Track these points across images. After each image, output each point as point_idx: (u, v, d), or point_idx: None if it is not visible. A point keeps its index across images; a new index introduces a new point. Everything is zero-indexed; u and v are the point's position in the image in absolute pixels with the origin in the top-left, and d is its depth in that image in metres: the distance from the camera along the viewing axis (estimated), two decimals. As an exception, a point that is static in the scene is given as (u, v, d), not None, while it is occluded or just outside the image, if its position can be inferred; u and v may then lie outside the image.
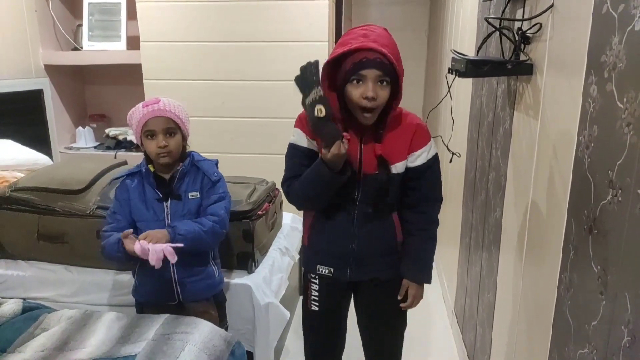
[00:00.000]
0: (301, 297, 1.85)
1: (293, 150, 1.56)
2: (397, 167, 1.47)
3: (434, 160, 1.52)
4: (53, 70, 3.60)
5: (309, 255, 1.65)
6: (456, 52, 1.59)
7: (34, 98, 3.48)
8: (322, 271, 1.60)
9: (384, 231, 1.56)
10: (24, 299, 2.06)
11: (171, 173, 1.68)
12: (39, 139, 3.50)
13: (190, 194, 1.66)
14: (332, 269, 1.59)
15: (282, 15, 3.22)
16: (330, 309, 1.67)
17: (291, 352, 2.43)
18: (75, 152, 3.73)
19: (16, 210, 2.18)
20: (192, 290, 1.70)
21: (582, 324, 1.00)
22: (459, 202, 2.53)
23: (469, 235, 2.24)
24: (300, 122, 1.54)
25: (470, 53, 2.26)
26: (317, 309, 1.65)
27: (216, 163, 1.77)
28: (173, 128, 1.63)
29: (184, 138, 1.69)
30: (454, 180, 2.70)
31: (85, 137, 3.83)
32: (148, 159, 1.68)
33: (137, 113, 1.62)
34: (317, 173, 1.41)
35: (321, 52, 3.23)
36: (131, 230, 1.55)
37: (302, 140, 1.53)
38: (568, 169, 1.11)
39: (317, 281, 1.63)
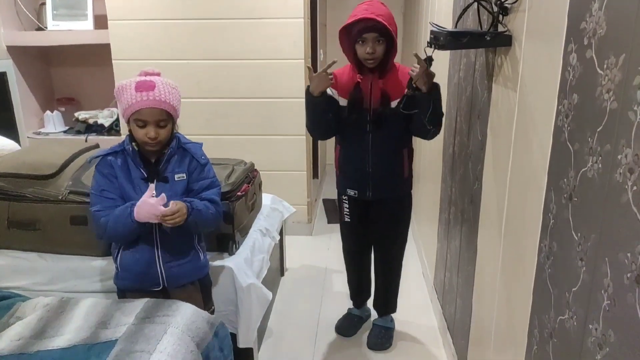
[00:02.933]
0: (282, 278, 2.87)
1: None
2: (395, 103, 1.97)
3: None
4: (16, 52, 3.44)
5: (340, 181, 2.23)
6: (435, 24, 1.57)
7: (-2, 81, 3.33)
8: (350, 193, 2.18)
9: (393, 160, 2.09)
10: (-3, 289, 2.00)
11: (156, 157, 1.62)
12: (4, 124, 3.36)
13: (176, 176, 1.62)
14: (356, 191, 2.15)
15: (255, -8, 3.14)
16: (358, 219, 2.25)
17: (274, 332, 2.44)
18: (44, 137, 3.61)
19: (-16, 198, 2.10)
20: (178, 275, 1.66)
21: (562, 292, 1.02)
22: (438, 178, 2.55)
23: (448, 210, 2.25)
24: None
25: (448, 26, 2.24)
26: (349, 220, 2.27)
27: (201, 145, 1.72)
28: (165, 119, 1.55)
29: (174, 124, 1.63)
30: (433, 156, 2.71)
31: (54, 122, 3.70)
32: (132, 137, 1.60)
33: (129, 95, 1.50)
34: (306, 98, 1.98)
35: (297, 28, 3.18)
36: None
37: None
38: (547, 139, 1.11)
39: (347, 201, 2.23)
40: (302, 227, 3.58)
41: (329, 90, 1.97)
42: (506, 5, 1.42)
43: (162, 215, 1.48)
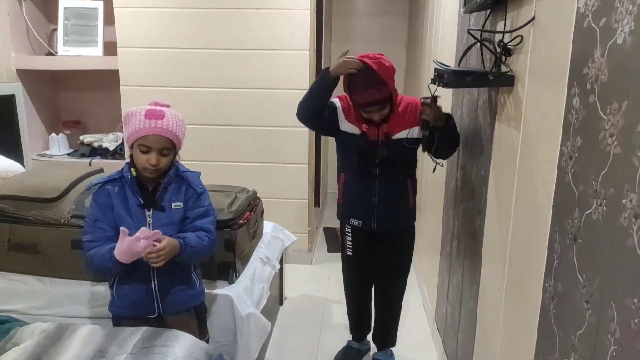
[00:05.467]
0: (281, 307, 2.89)
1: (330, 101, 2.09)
2: (400, 135, 2.02)
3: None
4: (26, 75, 3.50)
5: (344, 210, 2.21)
6: (439, 62, 1.61)
7: (6, 103, 3.37)
8: (353, 222, 2.16)
9: (399, 191, 2.10)
10: (-7, 312, 1.99)
11: (154, 185, 1.63)
12: (10, 146, 3.38)
13: (173, 204, 1.62)
14: (360, 221, 2.13)
15: (262, 24, 3.21)
16: (361, 253, 2.23)
17: (272, 363, 2.40)
18: (48, 159, 3.63)
19: (-15, 220, 2.10)
20: (173, 302, 1.66)
21: (567, 334, 1.01)
22: (439, 211, 2.55)
23: (450, 244, 2.25)
24: (342, 99, 2.09)
25: (451, 64, 2.29)
26: (351, 254, 2.24)
27: (199, 175, 1.73)
28: (169, 148, 1.58)
29: (175, 155, 1.65)
30: (435, 189, 2.73)
31: (58, 144, 3.73)
32: (131, 164, 1.62)
33: (138, 120, 1.54)
34: (319, 76, 1.99)
35: (302, 61, 3.24)
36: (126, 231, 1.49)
37: (337, 103, 2.09)
38: (551, 179, 1.12)
39: (350, 232, 2.21)
40: (303, 255, 3.56)
41: (339, 111, 2.06)
42: (509, 46, 1.46)
43: (146, 253, 1.48)
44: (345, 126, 2.07)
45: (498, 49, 1.49)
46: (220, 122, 3.39)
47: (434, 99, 1.80)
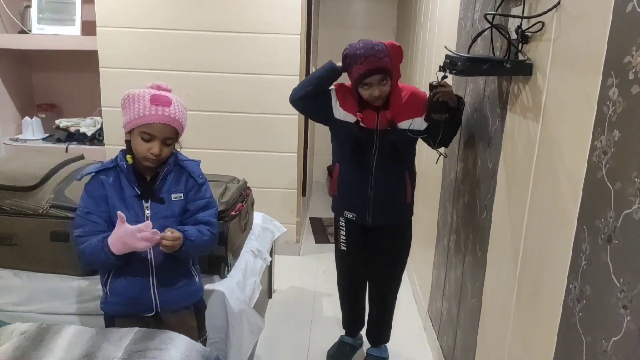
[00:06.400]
0: (270, 300, 2.86)
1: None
2: (403, 124, 1.92)
3: None
4: (-4, 54, 3.28)
5: (338, 203, 2.11)
6: (450, 49, 1.53)
7: (-26, 84, 3.16)
8: (347, 215, 2.07)
9: (396, 184, 2.00)
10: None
11: (152, 174, 1.51)
12: (-21, 129, 3.19)
13: (173, 196, 1.51)
14: (355, 214, 2.04)
15: (252, 5, 3.08)
16: (355, 248, 2.14)
17: None
18: (21, 144, 3.43)
19: (-43, 209, 1.94)
20: (172, 299, 1.55)
21: (598, 339, 0.95)
22: (435, 203, 2.50)
23: (448, 237, 2.20)
24: (338, 88, 2.00)
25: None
26: (345, 249, 2.15)
27: (199, 163, 1.62)
28: (173, 138, 1.48)
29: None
30: (430, 179, 2.67)
31: (32, 128, 3.53)
32: (128, 150, 1.49)
33: (142, 105, 1.41)
34: (324, 67, 1.93)
35: (293, 45, 3.12)
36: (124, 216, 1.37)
37: (332, 93, 2.00)
38: (579, 175, 1.06)
39: (344, 226, 2.11)
40: (291, 246, 3.48)
41: (333, 100, 1.97)
42: (527, 33, 1.39)
43: (161, 239, 1.39)
44: (340, 114, 1.97)
45: (515, 36, 1.42)
46: (206, 108, 3.25)
47: (443, 77, 1.71)
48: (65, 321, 1.85)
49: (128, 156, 1.47)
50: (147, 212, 1.47)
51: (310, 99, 1.97)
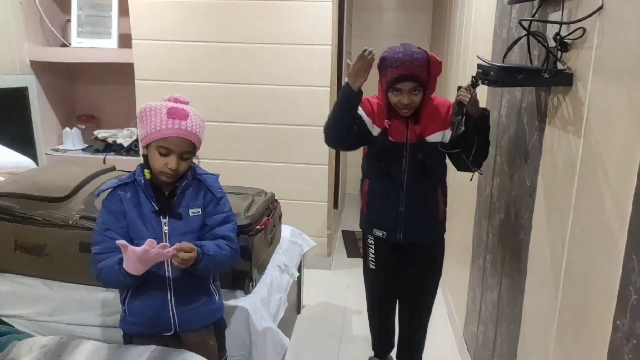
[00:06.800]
0: (299, 316, 2.81)
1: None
2: (433, 137, 1.84)
3: None
4: (39, 67, 3.40)
5: (367, 220, 2.02)
6: (483, 58, 1.44)
7: (19, 96, 3.28)
8: (377, 233, 1.97)
9: (428, 200, 1.92)
10: (-3, 317, 1.89)
11: (171, 188, 1.49)
12: (23, 140, 3.30)
13: (191, 211, 1.48)
14: (385, 232, 1.95)
15: (283, 17, 3.06)
16: (385, 266, 2.04)
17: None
18: (61, 154, 3.54)
19: (-9, 218, 2.00)
20: (191, 318, 1.51)
21: (649, 383, 0.84)
22: (470, 220, 2.38)
23: (484, 257, 2.08)
24: (363, 103, 1.88)
25: (487, 59, 2.11)
26: (374, 267, 2.04)
27: (218, 177, 1.59)
28: (190, 152, 1.45)
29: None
30: (465, 194, 2.55)
31: (72, 139, 3.63)
32: (146, 164, 1.48)
33: (158, 119, 1.38)
34: (340, 93, 1.80)
35: (324, 56, 3.09)
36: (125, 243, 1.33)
37: (360, 112, 1.87)
38: (627, 197, 0.95)
39: (373, 243, 2.01)
40: (321, 260, 3.41)
41: (365, 118, 1.87)
42: (567, 40, 1.29)
43: (174, 251, 1.34)
44: (376, 131, 1.89)
45: (553, 43, 1.32)
46: (237, 120, 3.25)
47: (474, 83, 1.57)
48: (90, 333, 1.86)
49: (146, 171, 1.45)
50: (165, 228, 1.44)
51: (348, 136, 1.84)
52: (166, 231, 1.44)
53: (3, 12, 3.10)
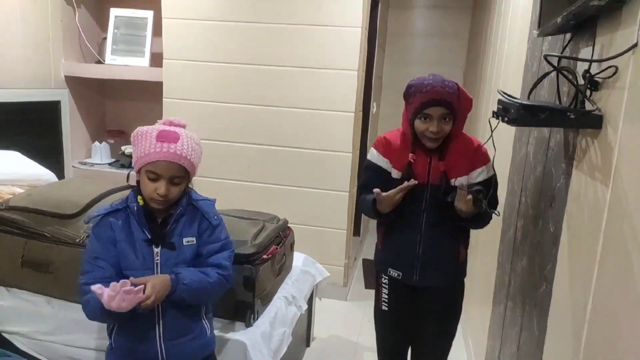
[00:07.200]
0: (307, 349, 2.68)
1: (368, 164, 1.85)
2: (456, 181, 1.71)
3: (492, 179, 1.76)
4: (74, 82, 3.50)
5: (382, 258, 1.91)
6: (504, 93, 1.34)
7: (51, 109, 3.38)
8: (392, 274, 1.86)
9: (447, 242, 1.80)
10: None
11: (164, 216, 1.44)
12: (52, 152, 3.38)
13: (185, 240, 1.42)
14: (400, 273, 1.84)
15: (311, 41, 3.04)
16: (398, 309, 1.91)
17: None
18: (89, 167, 3.60)
19: (3, 232, 2.01)
20: (180, 353, 1.44)
21: None
22: (493, 261, 2.23)
23: (505, 303, 1.93)
24: (378, 143, 1.83)
25: (516, 94, 2.00)
26: (386, 309, 1.92)
27: (214, 203, 1.53)
28: (181, 177, 1.38)
29: (189, 182, 1.45)
30: (489, 234, 2.40)
31: (100, 153, 3.70)
32: (139, 190, 1.43)
33: (147, 143, 1.34)
34: (369, 206, 1.75)
35: (350, 81, 3.03)
36: (100, 287, 1.25)
37: (375, 158, 1.82)
38: (657, 261, 0.83)
39: (387, 283, 1.90)
40: (337, 290, 3.30)
41: (382, 162, 1.79)
42: (597, 79, 1.17)
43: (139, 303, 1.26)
44: (396, 173, 1.78)
45: (582, 81, 1.21)
46: (259, 141, 3.23)
47: (476, 191, 1.57)
48: (86, 355, 1.82)
49: (139, 197, 1.40)
50: (157, 258, 1.39)
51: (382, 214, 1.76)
52: (158, 261, 1.38)
53: (44, 29, 3.22)
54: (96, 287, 1.24)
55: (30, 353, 1.88)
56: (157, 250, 1.39)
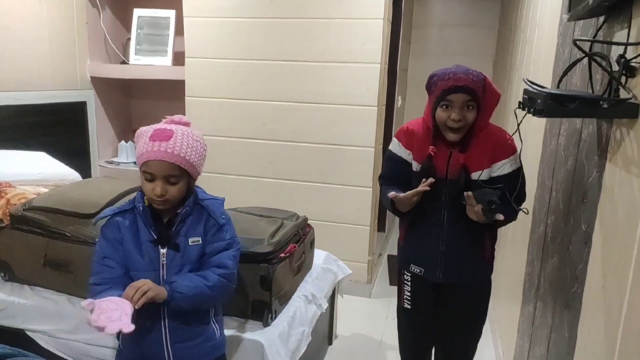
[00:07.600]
0: (330, 347, 2.61)
1: (390, 155, 1.81)
2: (477, 175, 1.62)
3: (519, 172, 1.65)
4: (99, 83, 3.55)
5: (404, 254, 1.85)
6: (530, 82, 1.25)
7: (77, 110, 3.43)
8: (414, 270, 1.80)
9: (471, 238, 1.70)
10: (22, 330, 1.91)
11: (170, 216, 1.41)
12: (79, 151, 3.44)
13: (191, 240, 1.38)
14: (422, 269, 1.77)
15: (332, 34, 2.97)
16: (420, 306, 1.85)
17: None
18: (115, 166, 3.65)
19: (27, 231, 2.04)
20: (188, 357, 1.42)
21: None
22: (523, 258, 2.13)
23: (534, 303, 1.83)
24: (400, 132, 1.77)
25: (547, 83, 1.89)
26: (409, 307, 1.86)
27: (222, 202, 1.49)
28: (177, 176, 1.33)
29: (192, 180, 1.40)
30: (518, 231, 2.30)
31: (126, 152, 3.74)
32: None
33: (142, 143, 1.32)
34: (388, 202, 1.71)
35: (372, 74, 2.96)
36: (92, 302, 1.23)
37: (397, 149, 1.77)
38: (701, 265, 0.74)
39: (409, 280, 1.83)
40: (360, 287, 3.24)
41: (401, 150, 1.75)
42: (633, 64, 1.07)
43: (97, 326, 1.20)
44: (416, 165, 1.72)
45: (616, 67, 1.11)
46: (281, 138, 3.19)
47: (489, 203, 1.51)
48: (105, 354, 1.83)
49: (146, 198, 1.38)
50: (163, 259, 1.36)
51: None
52: (164, 262, 1.36)
53: (70, 32, 3.27)
54: (86, 303, 1.21)
55: (53, 351, 1.90)
56: (163, 251, 1.37)
